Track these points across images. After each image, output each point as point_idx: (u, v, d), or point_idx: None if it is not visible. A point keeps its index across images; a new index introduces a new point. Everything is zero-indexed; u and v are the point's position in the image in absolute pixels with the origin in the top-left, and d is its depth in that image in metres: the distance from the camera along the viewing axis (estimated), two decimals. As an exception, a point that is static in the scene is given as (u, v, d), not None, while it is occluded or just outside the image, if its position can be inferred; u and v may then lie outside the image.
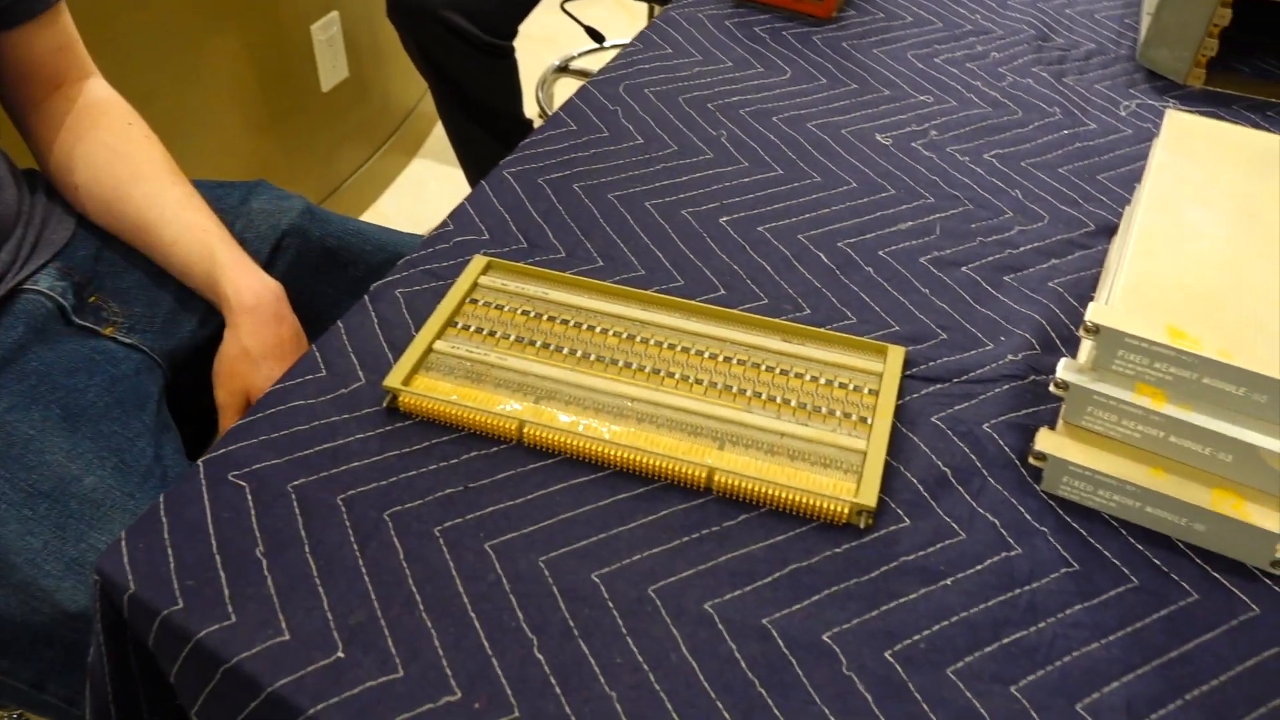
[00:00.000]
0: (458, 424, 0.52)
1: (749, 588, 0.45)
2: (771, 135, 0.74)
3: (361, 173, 1.64)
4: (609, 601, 0.45)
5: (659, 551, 0.47)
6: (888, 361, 0.55)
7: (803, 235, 0.66)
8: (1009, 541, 0.47)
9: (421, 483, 0.50)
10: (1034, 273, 0.63)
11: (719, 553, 0.47)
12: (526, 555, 0.47)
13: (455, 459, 0.51)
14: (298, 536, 0.47)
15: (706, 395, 0.53)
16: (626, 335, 0.57)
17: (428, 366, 0.55)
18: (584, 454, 0.51)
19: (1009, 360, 0.57)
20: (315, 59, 1.47)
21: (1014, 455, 0.52)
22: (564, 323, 0.58)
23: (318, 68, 1.48)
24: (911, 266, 0.63)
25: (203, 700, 0.44)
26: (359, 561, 0.46)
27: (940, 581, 0.46)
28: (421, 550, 0.47)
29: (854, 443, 0.51)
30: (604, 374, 0.54)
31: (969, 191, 0.69)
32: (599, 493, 0.49)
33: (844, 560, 0.47)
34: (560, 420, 0.52)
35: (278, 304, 0.67)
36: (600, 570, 0.46)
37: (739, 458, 0.50)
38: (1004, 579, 0.46)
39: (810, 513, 0.48)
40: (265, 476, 0.49)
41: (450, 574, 0.46)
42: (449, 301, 0.58)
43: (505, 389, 0.54)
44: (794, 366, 0.55)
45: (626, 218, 0.67)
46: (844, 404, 0.53)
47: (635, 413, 0.52)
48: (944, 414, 0.54)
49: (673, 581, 0.46)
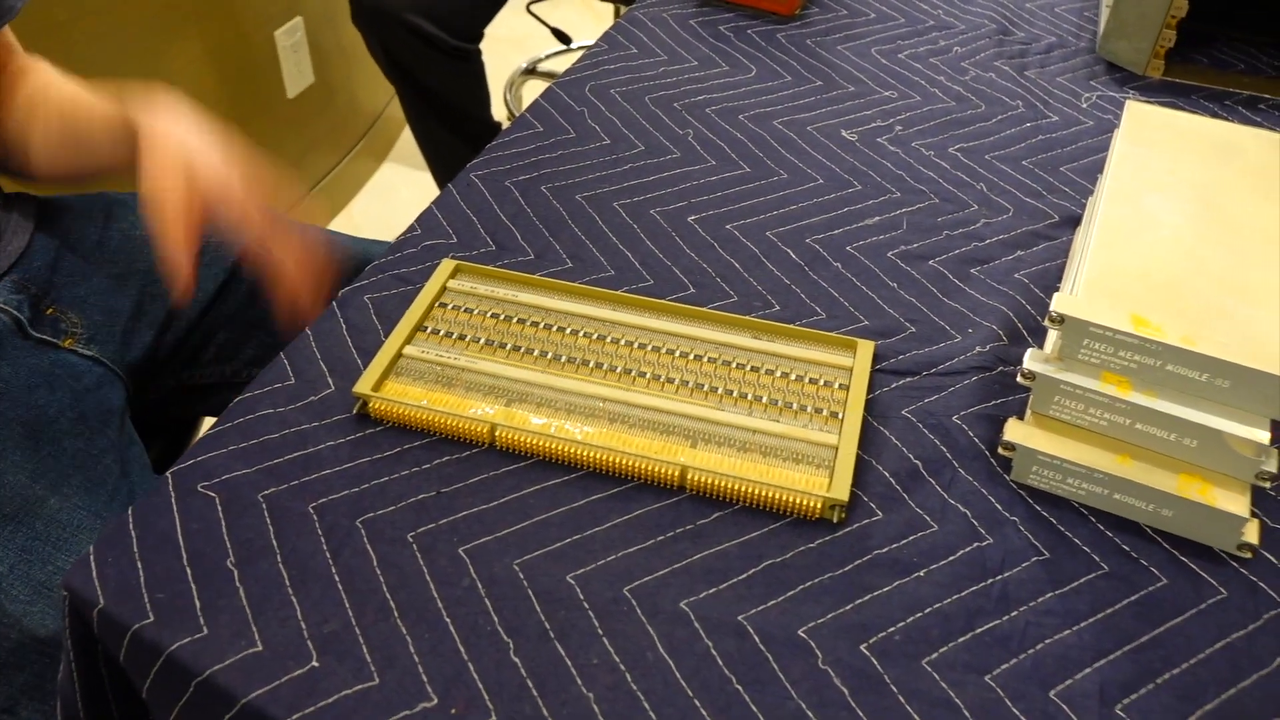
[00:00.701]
0: (429, 429, 0.52)
1: (724, 585, 0.45)
2: (738, 133, 0.74)
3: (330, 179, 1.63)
4: (584, 602, 0.45)
5: (634, 551, 0.47)
6: (857, 356, 0.55)
7: (771, 232, 0.66)
8: (980, 532, 0.48)
9: (393, 489, 0.49)
10: (1000, 265, 0.63)
11: (693, 551, 0.47)
12: (501, 559, 0.46)
13: (427, 464, 0.51)
14: (269, 546, 0.47)
15: (678, 394, 0.53)
16: (597, 336, 0.57)
17: (398, 372, 0.55)
18: (557, 456, 0.51)
19: (977, 352, 0.57)
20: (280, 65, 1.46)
21: (984, 446, 0.52)
22: (534, 325, 0.57)
23: (283, 73, 1.47)
24: (879, 261, 0.63)
25: (176, 715, 0.43)
26: (332, 570, 0.46)
27: (913, 573, 0.46)
28: (395, 556, 0.46)
29: (825, 438, 0.51)
30: (575, 375, 0.54)
31: (934, 186, 0.70)
32: (572, 494, 0.49)
33: (818, 555, 0.47)
34: (532, 423, 0.52)
35: None
36: (575, 571, 0.46)
37: (711, 455, 0.50)
38: (976, 569, 0.46)
39: (783, 508, 0.48)
40: (235, 486, 0.49)
41: (424, 579, 0.45)
42: (418, 306, 0.58)
43: (476, 392, 0.53)
44: (764, 363, 0.55)
45: (595, 218, 0.67)
46: (815, 399, 0.53)
47: (607, 413, 0.52)
48: (914, 407, 0.54)
49: (648, 581, 0.46)
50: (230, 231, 0.55)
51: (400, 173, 1.77)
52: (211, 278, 0.73)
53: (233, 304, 0.74)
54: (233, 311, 0.74)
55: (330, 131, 1.62)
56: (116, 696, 0.47)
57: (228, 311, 0.74)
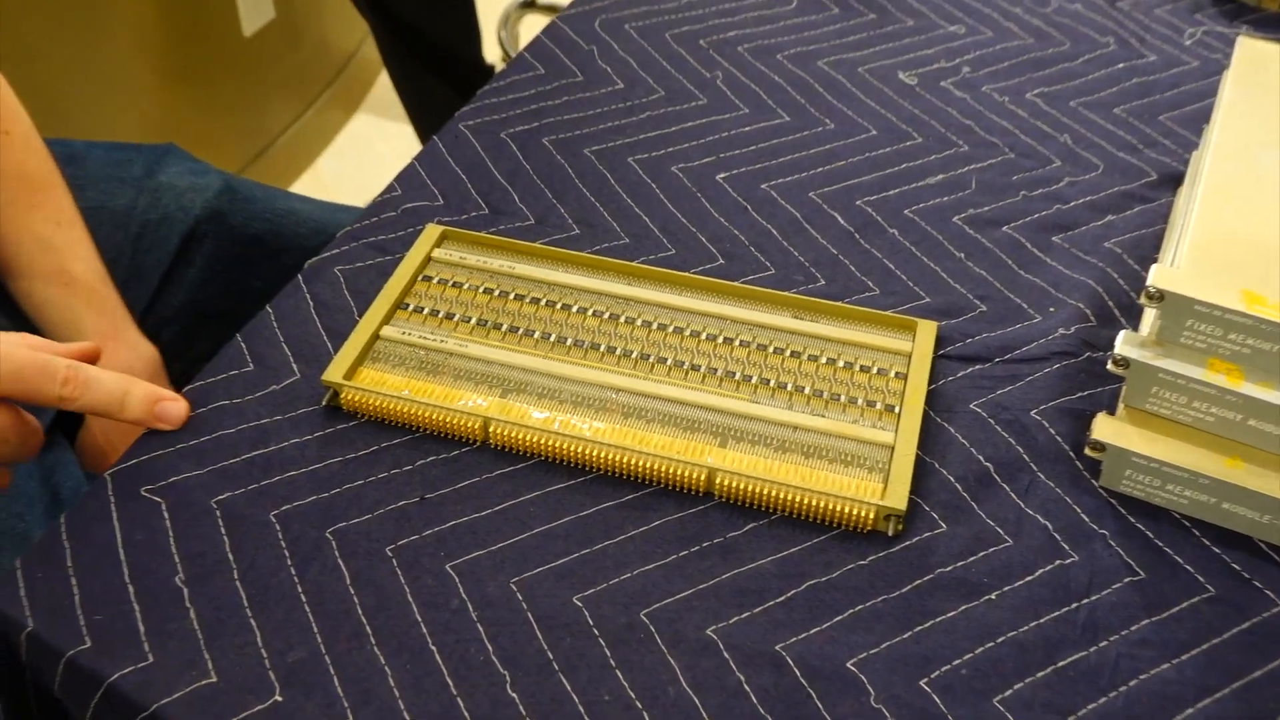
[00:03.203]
0: (411, 424, 0.52)
1: (759, 609, 0.45)
2: (776, 76, 0.74)
3: (293, 132, 1.63)
4: (594, 628, 0.45)
5: (652, 569, 0.47)
6: (917, 339, 0.55)
7: (815, 193, 0.66)
8: (1063, 547, 0.48)
9: (370, 494, 0.49)
10: (1087, 231, 0.63)
11: (723, 568, 0.47)
12: (495, 577, 0.46)
13: (409, 465, 0.51)
14: (224, 560, 0.47)
15: (704, 384, 0.53)
16: (609, 315, 0.57)
17: (374, 357, 0.55)
18: (561, 456, 0.51)
19: (1059, 335, 0.57)
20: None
21: (1067, 446, 0.52)
22: (534, 302, 0.57)
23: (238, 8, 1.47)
24: (943, 227, 0.63)
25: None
26: (298, 588, 0.46)
27: (983, 596, 0.46)
28: (371, 573, 0.46)
29: (879, 436, 0.51)
30: (583, 361, 0.54)
31: (1009, 138, 0.69)
32: (579, 501, 0.49)
33: (870, 574, 0.47)
34: (532, 417, 0.52)
35: (154, 379, 0.63)
36: (583, 592, 0.46)
37: (744, 456, 0.50)
38: (1058, 591, 0.46)
39: (829, 519, 0.48)
40: (184, 491, 0.49)
41: (406, 600, 0.46)
42: (398, 279, 0.58)
43: (467, 381, 0.53)
44: (807, 348, 0.55)
45: (607, 177, 0.66)
46: (867, 390, 0.53)
47: (621, 406, 0.52)
48: (985, 399, 0.54)
49: (669, 603, 0.46)
50: None
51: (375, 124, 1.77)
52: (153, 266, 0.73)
53: (180, 293, 0.74)
54: (181, 302, 0.74)
55: (293, 76, 1.62)
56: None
57: (175, 302, 0.74)
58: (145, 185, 0.74)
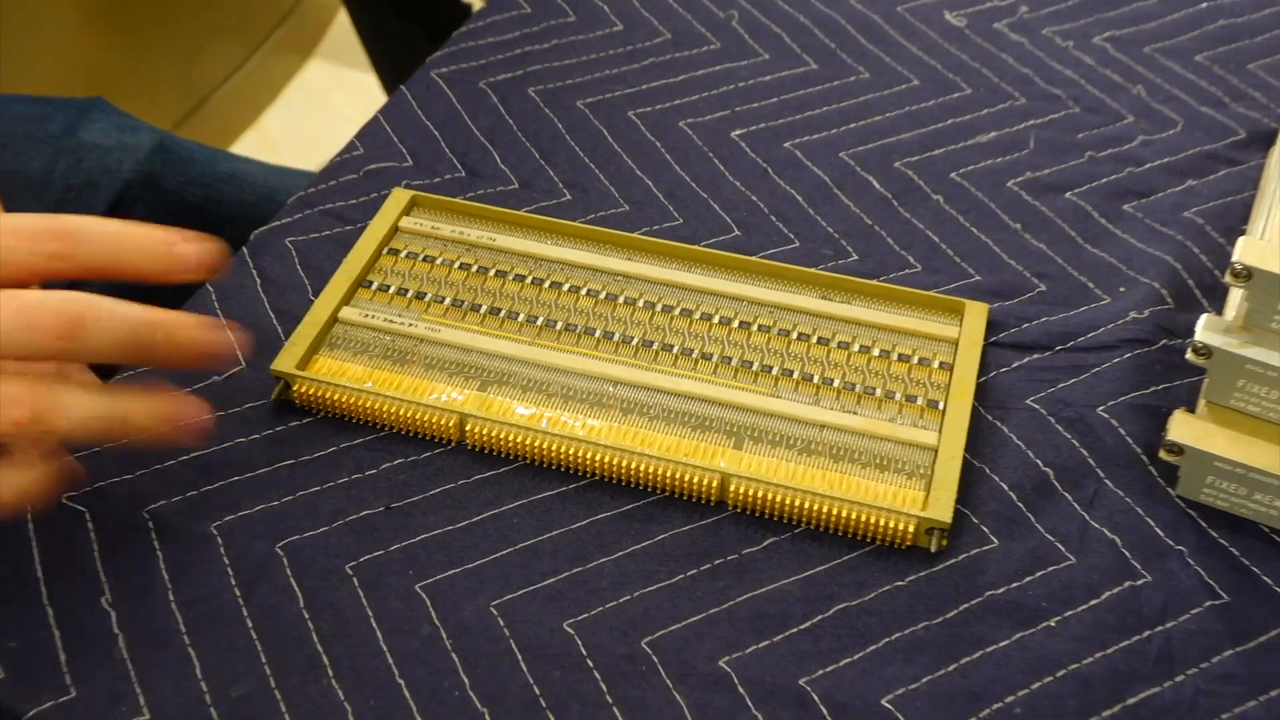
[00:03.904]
0: (375, 421, 0.52)
1: (779, 637, 0.45)
2: (801, 16, 0.74)
3: (236, 81, 1.62)
4: (588, 659, 0.45)
5: (655, 590, 0.47)
6: (965, 324, 0.55)
7: (846, 153, 0.65)
8: (1134, 566, 0.48)
9: (327, 503, 0.49)
10: (1164, 199, 0.62)
11: (738, 590, 0.47)
12: (473, 599, 0.46)
13: (372, 469, 0.51)
14: (158, 579, 0.47)
15: (717, 375, 0.53)
16: (605, 295, 0.57)
17: (332, 343, 0.55)
18: (550, 458, 0.51)
19: (1131, 319, 0.56)
20: (168, -77, 1.46)
21: (1139, 449, 0.52)
22: (519, 279, 0.57)
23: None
24: (997, 193, 0.63)
25: (34, 805, 0.43)
26: (243, 612, 0.46)
27: (1041, 623, 0.46)
28: (329, 595, 0.46)
29: (921, 436, 0.51)
30: (575, 348, 0.54)
31: (1074, 89, 0.69)
32: (571, 511, 0.49)
33: (909, 596, 0.47)
34: (516, 413, 0.51)
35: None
36: (575, 617, 0.46)
37: (763, 460, 0.50)
38: (1128, 617, 0.46)
39: (862, 533, 0.48)
40: (112, 498, 0.49)
41: (369, 626, 0.45)
42: (359, 253, 0.58)
43: (440, 371, 0.53)
44: (836, 334, 0.55)
45: (603, 133, 0.66)
46: (906, 383, 0.53)
47: (619, 401, 0.52)
48: (1044, 394, 0.54)
49: (675, 630, 0.46)
50: None
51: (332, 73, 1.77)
52: None
53: None
54: None
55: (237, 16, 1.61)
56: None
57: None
58: (66, 145, 0.73)
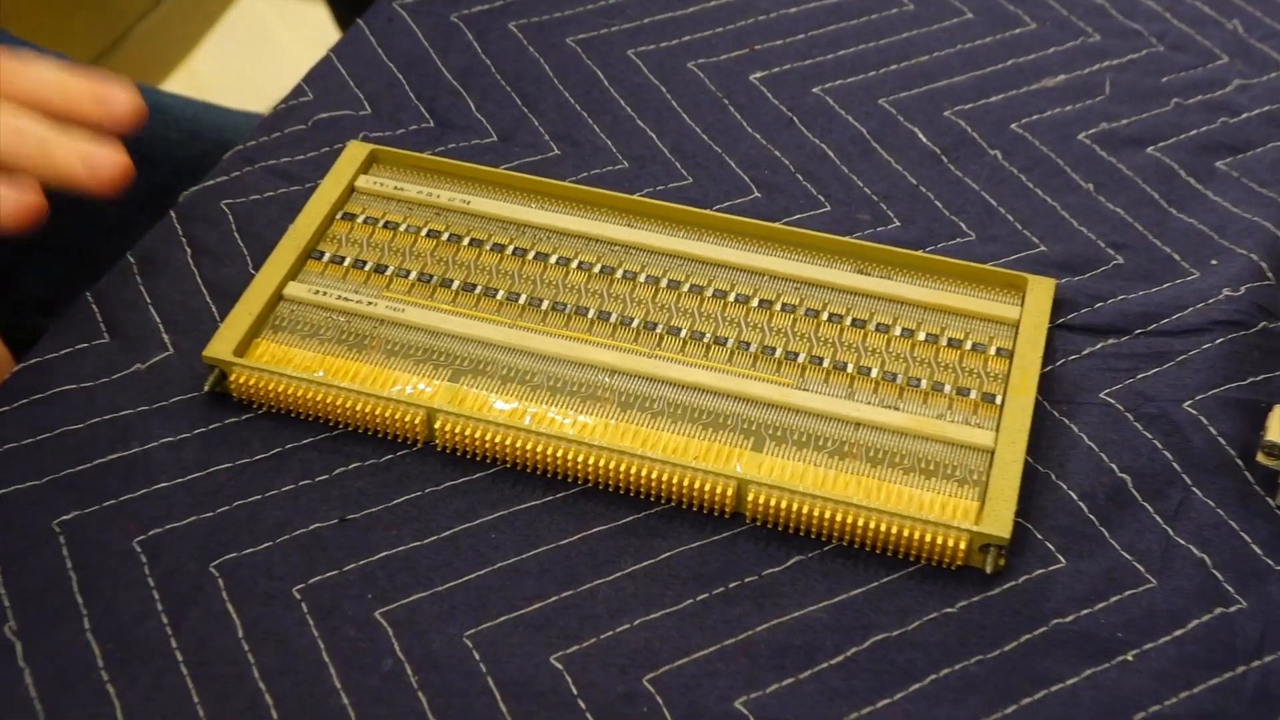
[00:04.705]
0: (326, 417, 0.50)
1: (806, 673, 0.43)
2: (829, -58, 0.72)
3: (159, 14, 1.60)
4: (579, 699, 0.42)
5: (659, 618, 0.44)
6: (1027, 303, 0.53)
7: (887, 100, 0.63)
8: (1226, 591, 0.45)
9: (270, 514, 0.47)
10: (1264, 154, 0.60)
11: (757, 618, 0.44)
12: (443, 628, 0.44)
13: (324, 474, 0.48)
14: (71, 603, 0.44)
15: (733, 364, 0.51)
16: (601, 269, 0.54)
17: (276, 325, 0.52)
18: (534, 462, 0.48)
19: (1224, 297, 0.54)
20: None
21: (1233, 452, 0.49)
22: (497, 249, 0.55)
23: None
24: (1065, 148, 0.61)
25: None
26: (171, 642, 0.43)
27: (1117, 656, 0.43)
28: (273, 622, 0.44)
29: (975, 436, 0.48)
30: (565, 332, 0.52)
31: (1157, 24, 0.67)
32: (560, 525, 0.47)
33: (960, 626, 0.44)
34: (495, 408, 0.49)
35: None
36: (564, 650, 0.43)
37: (787, 464, 0.48)
38: (1218, 650, 0.43)
39: (905, 550, 0.46)
40: (15, 507, 0.47)
41: (320, 660, 0.43)
42: (309, 218, 0.56)
43: (404, 359, 0.51)
44: (875, 314, 0.53)
45: (597, 76, 0.64)
46: (957, 373, 0.51)
47: (617, 394, 0.50)
48: (1120, 387, 0.51)
49: (682, 665, 0.43)
50: None
51: (276, 2, 1.75)
52: None
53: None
54: None
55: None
56: None
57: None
58: None
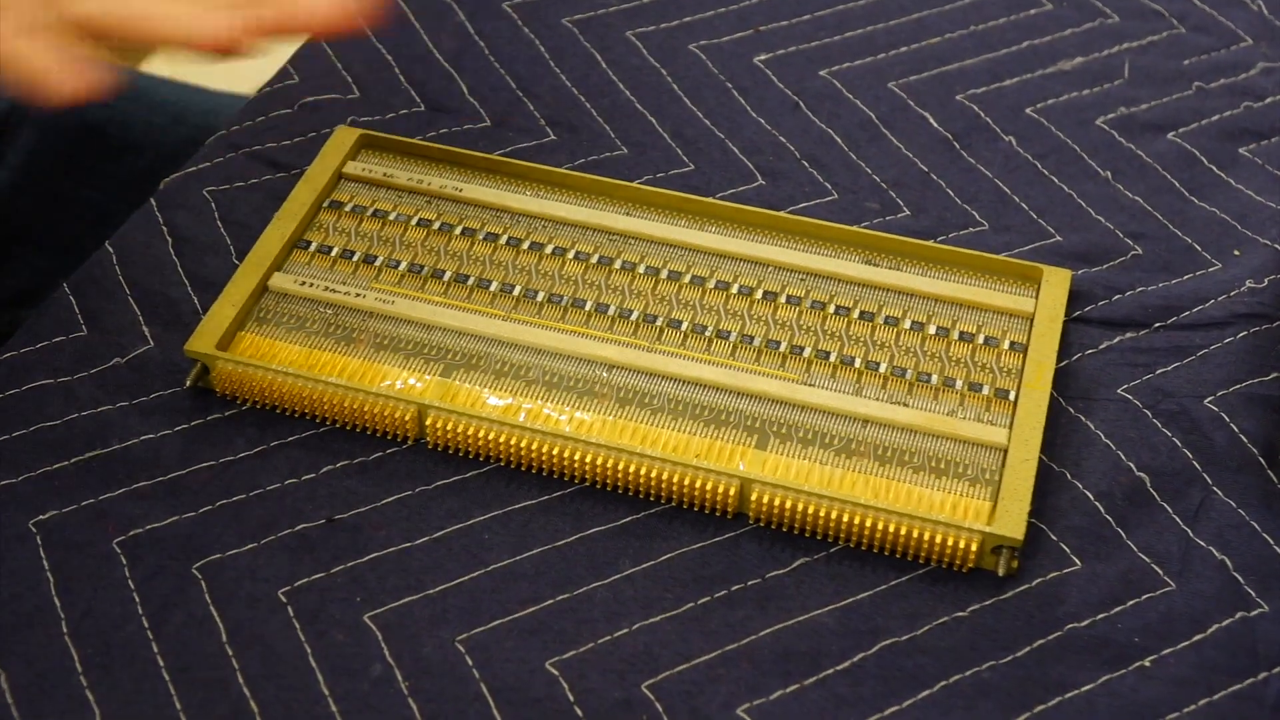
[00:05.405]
0: (313, 413, 0.49)
1: (811, 680, 0.43)
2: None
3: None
4: (575, 706, 0.42)
5: (659, 622, 0.44)
6: (1042, 295, 0.52)
7: (896, 83, 0.63)
8: (1248, 594, 0.45)
9: (254, 514, 0.47)
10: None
11: (760, 622, 0.44)
12: (434, 632, 0.44)
13: (311, 473, 0.48)
14: (48, 606, 0.44)
15: (735, 358, 0.51)
16: (599, 259, 0.54)
17: (261, 317, 0.52)
18: (529, 460, 0.48)
19: (1247, 289, 0.54)
20: None
21: (1256, 449, 0.49)
22: (490, 239, 0.54)
23: None
24: (1081, 133, 0.60)
25: None
26: (153, 646, 0.43)
27: (1134, 662, 0.43)
28: (258, 626, 0.44)
29: (987, 434, 0.48)
30: (561, 324, 0.52)
31: (1178, 5, 0.66)
32: (556, 525, 0.47)
33: (971, 631, 0.44)
34: (488, 404, 0.49)
35: None
36: (560, 655, 0.43)
37: (792, 462, 0.47)
38: (1240, 657, 0.43)
39: (914, 552, 0.46)
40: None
41: (307, 665, 0.43)
42: (294, 206, 0.55)
43: (394, 353, 0.51)
44: (884, 306, 0.52)
45: (595, 58, 0.64)
46: (969, 368, 0.50)
47: (615, 389, 0.49)
48: (1138, 382, 0.51)
49: (683, 671, 0.43)
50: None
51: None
52: None
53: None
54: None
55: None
56: None
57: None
58: None
